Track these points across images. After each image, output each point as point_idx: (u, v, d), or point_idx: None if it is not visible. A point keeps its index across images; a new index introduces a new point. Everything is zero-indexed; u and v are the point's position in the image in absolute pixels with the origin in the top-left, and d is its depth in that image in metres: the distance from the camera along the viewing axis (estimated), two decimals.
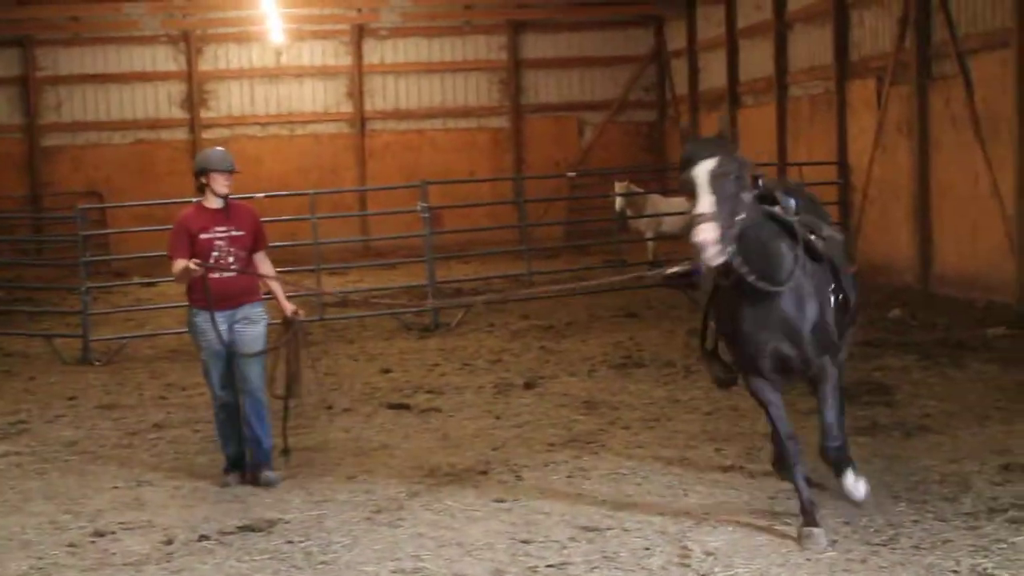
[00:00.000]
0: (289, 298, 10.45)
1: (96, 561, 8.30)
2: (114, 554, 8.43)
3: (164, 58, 32.35)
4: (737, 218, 7.26)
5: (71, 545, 8.66)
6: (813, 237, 7.97)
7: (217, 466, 10.35)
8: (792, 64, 24.93)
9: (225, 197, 9.98)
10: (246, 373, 9.92)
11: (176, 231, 9.94)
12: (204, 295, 9.74)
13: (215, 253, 9.82)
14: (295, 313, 10.01)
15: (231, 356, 9.92)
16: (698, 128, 30.57)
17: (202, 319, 9.87)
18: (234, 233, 9.90)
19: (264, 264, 10.22)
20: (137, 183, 29.98)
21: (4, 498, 10.01)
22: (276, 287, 10.25)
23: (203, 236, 9.81)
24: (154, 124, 32.30)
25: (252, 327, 9.91)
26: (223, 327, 9.82)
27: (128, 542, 8.68)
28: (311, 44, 32.46)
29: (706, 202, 7.18)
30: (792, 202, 7.98)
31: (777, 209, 7.86)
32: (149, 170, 30.86)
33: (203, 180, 9.95)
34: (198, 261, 9.68)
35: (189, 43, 32.14)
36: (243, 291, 9.94)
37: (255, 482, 9.98)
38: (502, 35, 32.86)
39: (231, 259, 9.87)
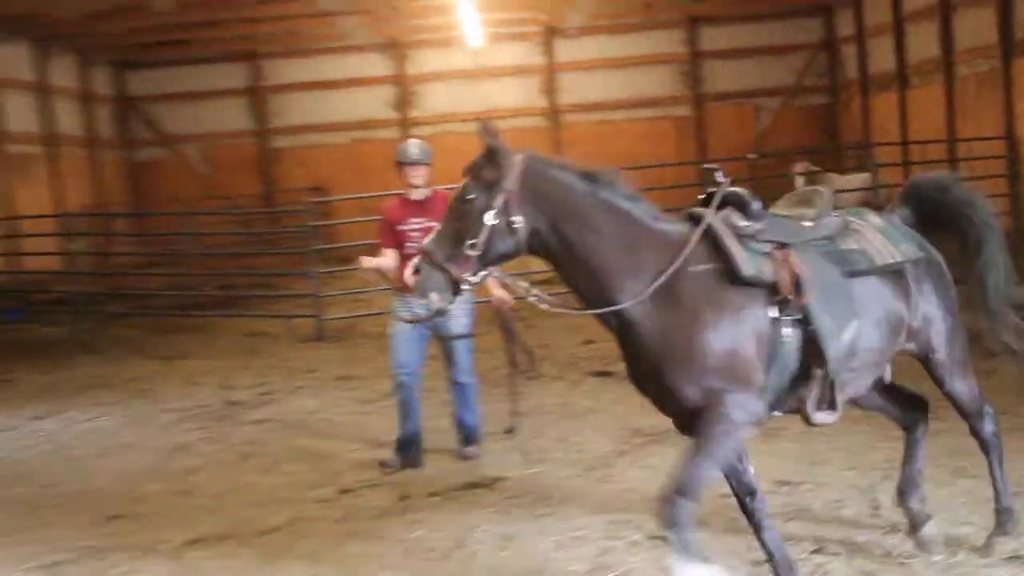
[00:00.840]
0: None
1: (344, 514, 8.57)
2: (359, 508, 8.70)
3: (374, 65, 33.04)
4: (472, 252, 5.57)
5: (321, 500, 8.96)
6: (772, 246, 6.02)
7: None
8: (958, 44, 24.25)
9: (423, 188, 9.71)
10: (452, 357, 9.75)
11: (381, 223, 9.81)
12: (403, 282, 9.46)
13: (410, 244, 9.54)
14: (503, 300, 9.40)
15: (435, 338, 9.69)
16: (853, 113, 29.96)
17: (398, 302, 9.67)
18: (429, 224, 9.34)
19: None
20: (355, 179, 30.50)
21: (260, 460, 10.40)
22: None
23: (400, 228, 9.65)
24: (368, 125, 33.03)
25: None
26: (418, 311, 9.27)
27: (370, 497, 8.95)
28: (506, 45, 32.71)
29: (427, 241, 5.73)
30: (756, 205, 6.21)
31: (713, 216, 6.14)
32: (365, 166, 31.34)
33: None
34: (374, 261, 9.55)
35: (396, 50, 32.77)
36: None
37: (461, 456, 9.83)
38: (681, 29, 32.67)
39: None
